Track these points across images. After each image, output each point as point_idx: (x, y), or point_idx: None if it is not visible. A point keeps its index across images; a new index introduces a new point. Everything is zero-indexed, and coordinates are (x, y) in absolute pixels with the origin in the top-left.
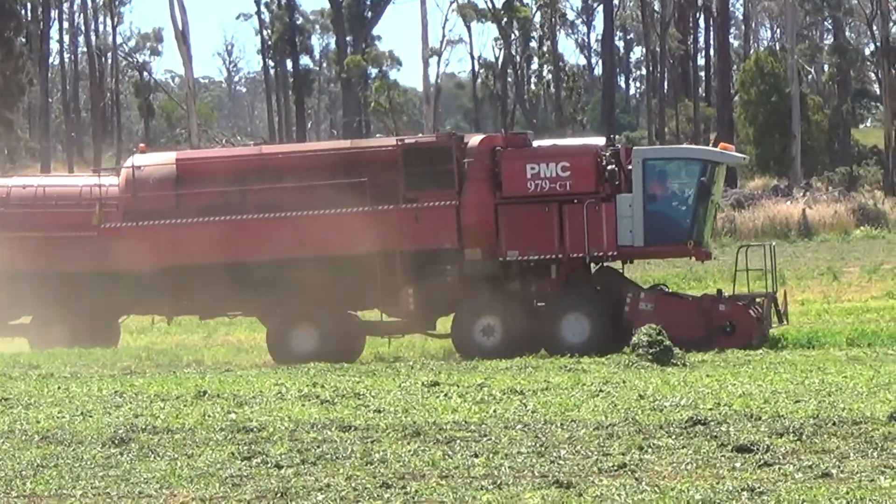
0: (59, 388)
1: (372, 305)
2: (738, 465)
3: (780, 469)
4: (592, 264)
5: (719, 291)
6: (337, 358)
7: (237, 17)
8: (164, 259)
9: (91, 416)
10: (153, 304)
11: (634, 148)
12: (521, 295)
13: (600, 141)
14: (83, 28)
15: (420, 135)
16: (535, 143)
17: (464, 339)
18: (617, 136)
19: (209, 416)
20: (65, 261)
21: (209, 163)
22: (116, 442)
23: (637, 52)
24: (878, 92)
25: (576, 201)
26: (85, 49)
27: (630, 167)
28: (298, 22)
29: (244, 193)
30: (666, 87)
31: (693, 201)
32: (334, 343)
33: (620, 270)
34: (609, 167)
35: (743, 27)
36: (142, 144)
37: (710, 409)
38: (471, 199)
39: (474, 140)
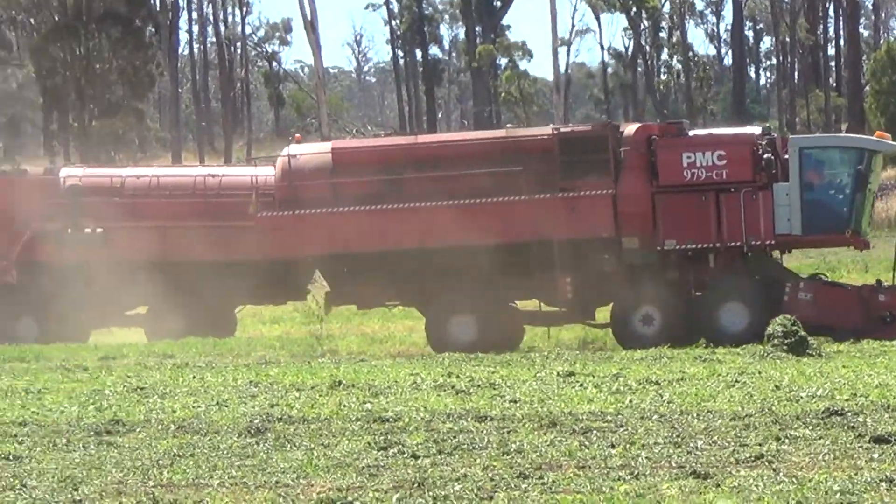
0: (194, 377)
1: (530, 295)
2: (875, 455)
3: None
4: (749, 253)
5: (878, 281)
6: (496, 348)
7: (366, 8)
8: (321, 248)
9: (227, 406)
10: (284, 292)
11: (791, 137)
12: (678, 284)
13: (756, 130)
14: (212, 18)
15: (570, 124)
16: (691, 133)
17: (623, 328)
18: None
19: (345, 405)
20: (205, 250)
21: (364, 152)
22: (252, 431)
23: (767, 42)
24: None
25: (732, 190)
26: (214, 39)
27: (786, 156)
28: (427, 11)
29: (400, 182)
30: (796, 77)
31: (851, 190)
32: (493, 332)
33: (779, 260)
34: (765, 156)
35: (873, 17)
36: (297, 135)
37: (847, 400)
38: (627, 188)
39: (630, 129)
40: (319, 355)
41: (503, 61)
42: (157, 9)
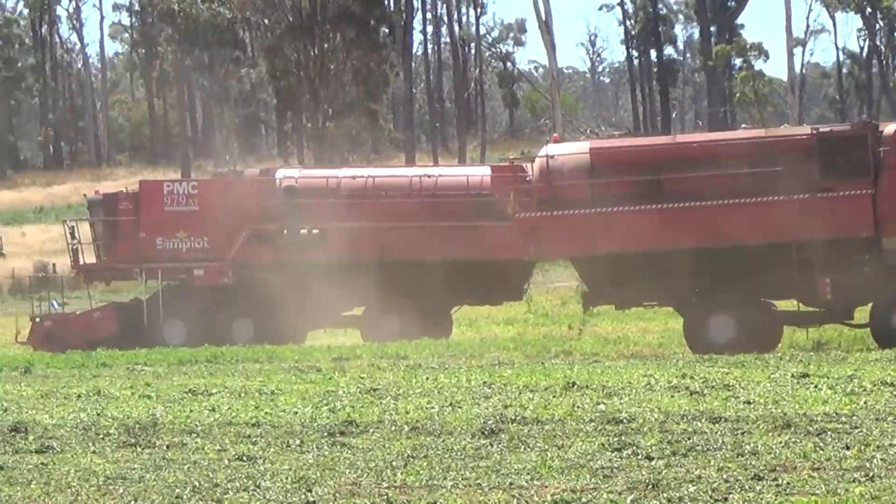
0: (427, 378)
1: (788, 295)
2: None
3: None
4: None
5: None
6: (754, 348)
7: (599, 9)
8: (582, 249)
9: (460, 407)
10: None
11: None
12: None
13: None
14: (446, 18)
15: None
16: None
17: (883, 328)
18: None
19: (578, 406)
20: (422, 250)
21: (623, 152)
22: (486, 433)
23: None
24: None
25: None
26: (448, 39)
27: None
28: (662, 12)
29: (659, 183)
30: None
31: None
32: (751, 333)
33: None
34: None
35: None
36: (555, 135)
37: None
38: (887, 187)
39: (890, 128)
40: (553, 356)
41: (738, 61)
42: (392, 9)
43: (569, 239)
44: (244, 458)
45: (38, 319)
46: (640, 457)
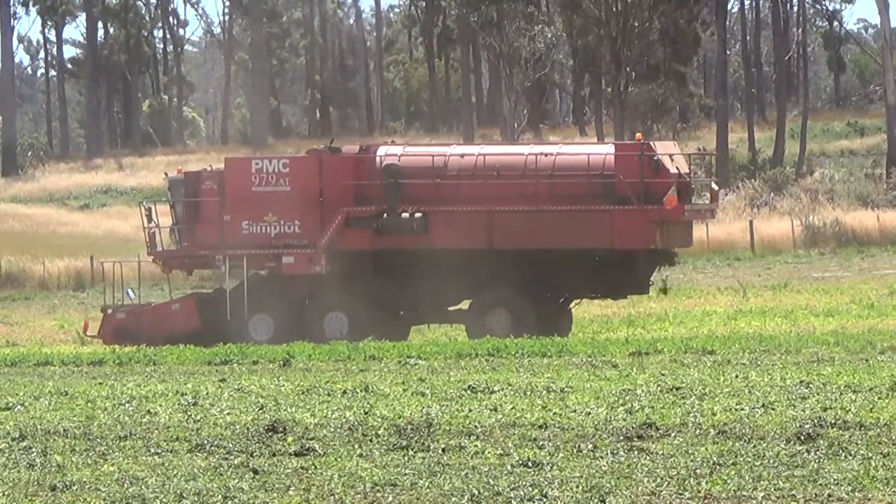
0: (737, 376)
1: None
2: None
3: None
4: None
5: None
6: None
7: None
8: None
9: (773, 409)
10: None
11: None
12: None
13: None
14: None
15: None
16: None
17: None
18: None
19: None
20: (537, 238)
21: None
22: (802, 438)
23: None
24: None
25: None
26: None
27: None
28: None
29: None
30: None
31: None
32: None
33: None
34: None
35: None
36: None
37: None
38: None
39: None
40: (879, 352)
41: None
42: None
43: None
44: (529, 463)
45: (109, 311)
46: None
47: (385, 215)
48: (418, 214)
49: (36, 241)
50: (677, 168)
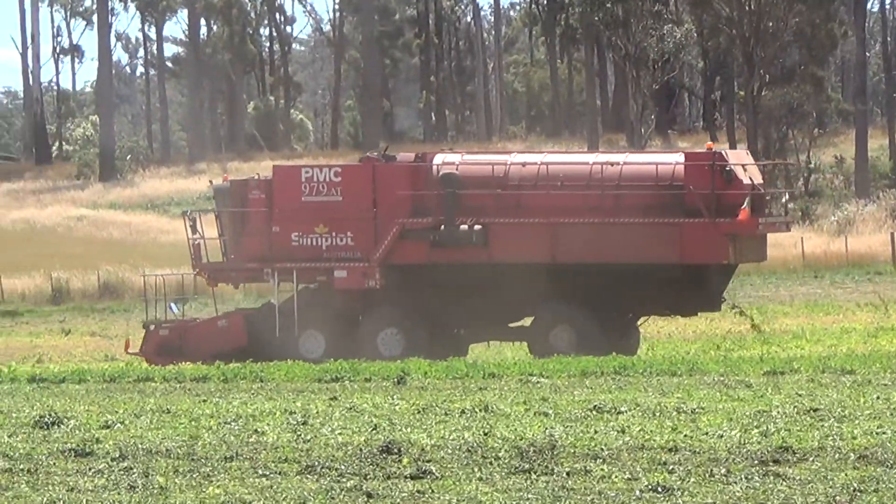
0: (878, 397)
1: None
2: None
3: None
4: None
5: None
6: None
7: None
8: None
9: None
10: None
11: None
12: None
13: None
14: None
15: None
16: None
17: None
18: None
19: None
20: (603, 252)
21: None
22: None
23: None
24: None
25: None
26: None
27: None
28: None
29: None
30: None
31: None
32: None
33: None
34: None
35: None
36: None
37: None
38: None
39: None
40: None
41: None
42: None
43: None
44: (659, 488)
45: (151, 327)
46: None
47: (442, 227)
48: (477, 226)
49: (135, 249)
50: (751, 178)
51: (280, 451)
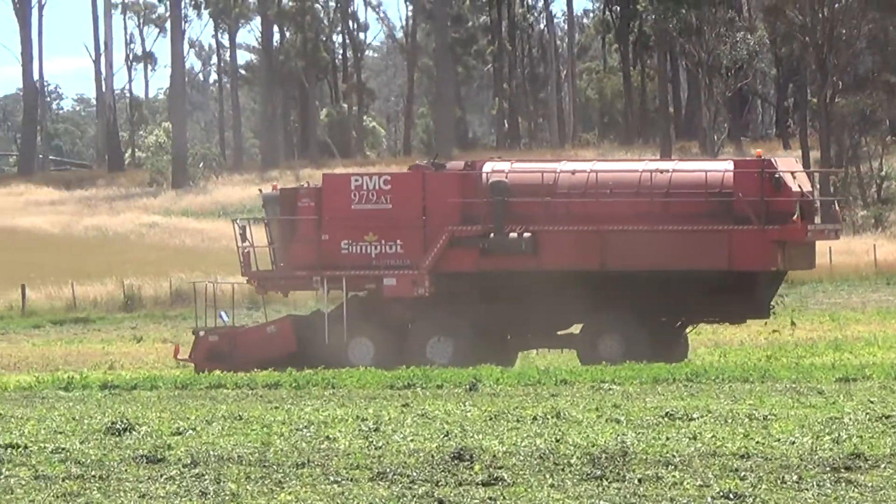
0: None
1: None
2: None
3: None
4: None
5: None
6: None
7: None
8: None
9: None
10: None
11: None
12: None
13: None
14: None
15: None
16: None
17: None
18: None
19: None
20: (653, 259)
21: None
22: None
23: None
24: None
25: None
26: None
27: None
28: None
29: None
30: None
31: None
32: None
33: None
34: None
35: None
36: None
37: None
38: None
39: None
40: None
41: None
42: None
43: None
44: (731, 495)
45: (201, 333)
46: None
47: (492, 235)
48: (527, 234)
49: (207, 257)
50: (799, 186)
51: (352, 458)
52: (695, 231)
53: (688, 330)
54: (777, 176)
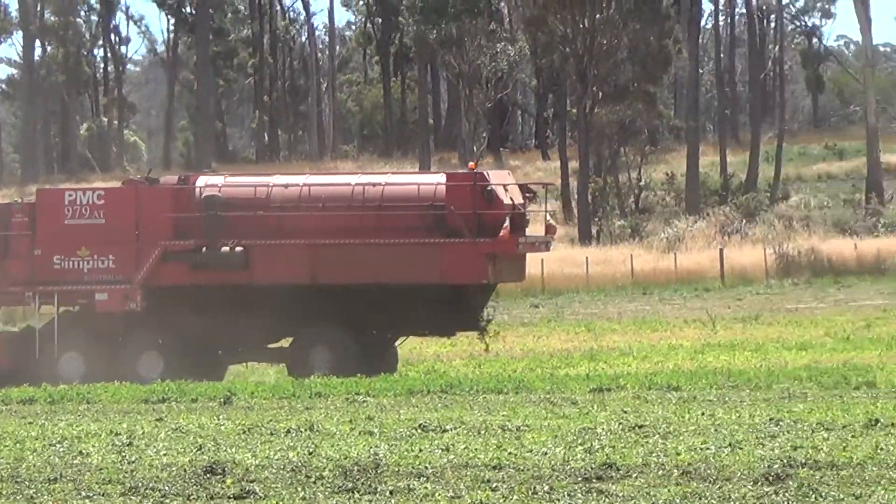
0: (703, 413)
1: None
2: None
3: None
4: None
5: None
6: None
7: None
8: None
9: (741, 448)
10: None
11: None
12: None
13: None
14: None
15: None
16: None
17: None
18: None
19: (881, 449)
20: (363, 272)
21: None
22: (771, 479)
23: None
24: None
25: None
26: (744, 10)
27: None
28: None
29: None
30: None
31: None
32: None
33: None
34: None
35: None
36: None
37: None
38: None
39: None
40: (854, 388)
41: None
42: None
43: None
44: None
45: None
46: None
47: (204, 249)
48: (238, 248)
49: None
50: (511, 199)
51: (104, 473)
52: (407, 244)
53: (397, 343)
54: (489, 189)
